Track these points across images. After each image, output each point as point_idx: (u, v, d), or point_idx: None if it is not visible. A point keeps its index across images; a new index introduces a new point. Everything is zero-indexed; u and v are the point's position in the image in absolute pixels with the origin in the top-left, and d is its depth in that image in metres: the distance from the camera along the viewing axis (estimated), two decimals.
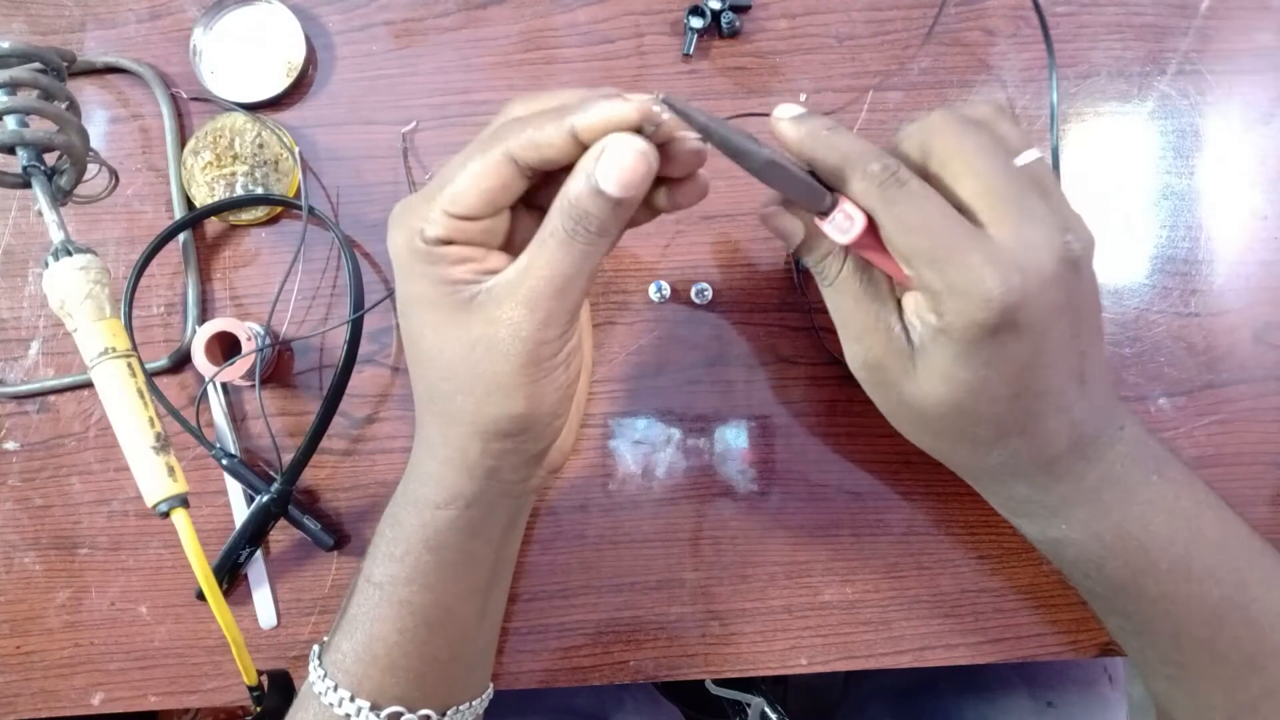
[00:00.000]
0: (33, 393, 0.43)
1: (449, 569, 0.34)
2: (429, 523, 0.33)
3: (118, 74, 0.45)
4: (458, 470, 0.32)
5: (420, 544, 0.33)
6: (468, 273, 0.29)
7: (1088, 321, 0.31)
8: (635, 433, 0.43)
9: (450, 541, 0.33)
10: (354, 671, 0.33)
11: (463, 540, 0.34)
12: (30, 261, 0.44)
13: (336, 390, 0.41)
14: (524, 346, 0.29)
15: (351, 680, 0.33)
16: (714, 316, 0.44)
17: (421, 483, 0.33)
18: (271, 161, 0.43)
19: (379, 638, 0.33)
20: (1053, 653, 0.42)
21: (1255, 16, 0.45)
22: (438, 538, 0.33)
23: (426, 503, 0.33)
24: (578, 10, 0.45)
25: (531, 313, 0.28)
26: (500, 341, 0.29)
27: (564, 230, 0.28)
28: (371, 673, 0.33)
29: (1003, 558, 0.43)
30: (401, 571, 0.33)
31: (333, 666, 0.34)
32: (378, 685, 0.33)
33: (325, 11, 0.45)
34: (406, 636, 0.33)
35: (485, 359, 0.29)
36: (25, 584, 0.43)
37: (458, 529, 0.33)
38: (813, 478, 0.43)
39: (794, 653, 0.42)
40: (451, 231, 0.29)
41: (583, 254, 0.28)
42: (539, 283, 0.28)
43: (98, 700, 0.43)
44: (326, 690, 0.33)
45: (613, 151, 0.27)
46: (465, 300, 0.29)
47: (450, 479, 0.32)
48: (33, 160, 0.33)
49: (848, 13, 0.45)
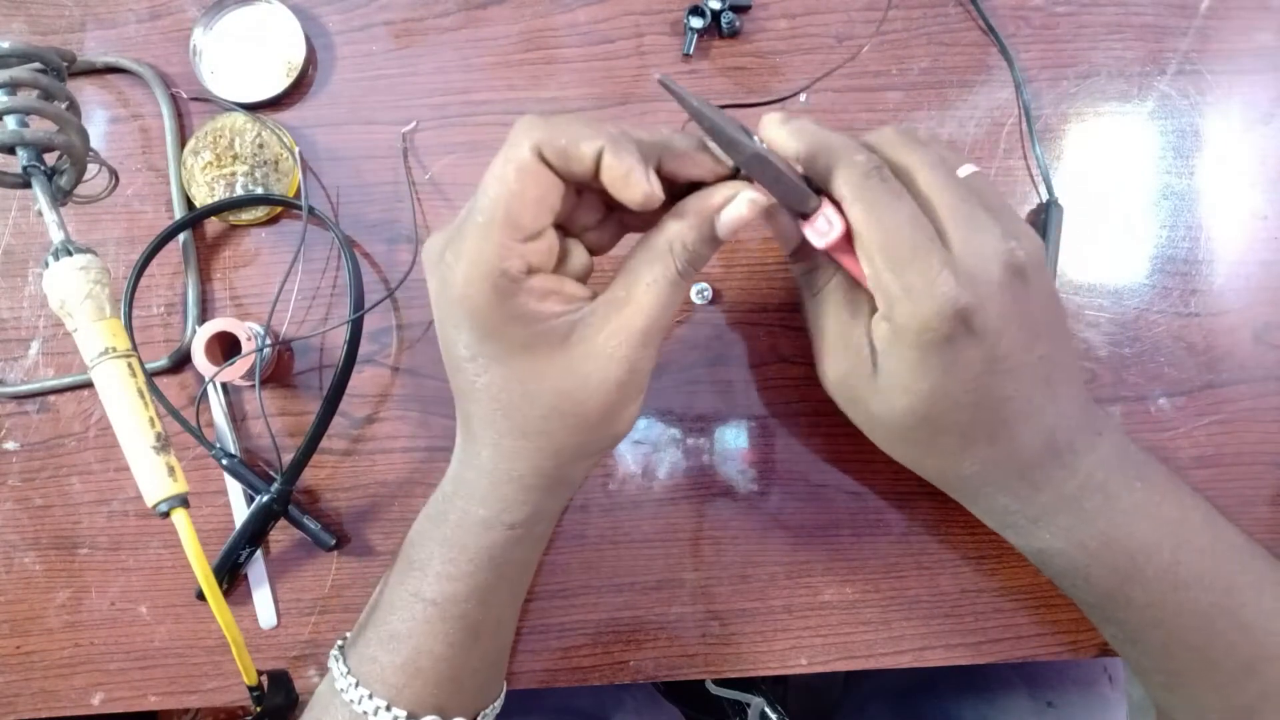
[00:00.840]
0: (33, 393, 0.43)
1: (507, 584, 0.35)
2: (498, 543, 0.33)
3: (118, 74, 0.45)
4: (542, 494, 0.33)
5: (487, 564, 0.34)
6: (556, 304, 0.29)
7: (1047, 327, 0.31)
8: (635, 433, 0.43)
9: (515, 558, 0.34)
10: (394, 683, 0.33)
11: (526, 554, 0.35)
12: (30, 261, 0.44)
13: (336, 390, 0.41)
14: (639, 378, 0.30)
15: (390, 690, 0.33)
16: (714, 316, 0.44)
17: (484, 504, 0.33)
18: (271, 161, 0.43)
19: (426, 651, 0.33)
20: (1053, 653, 0.42)
21: (1255, 16, 0.45)
22: (504, 555, 0.34)
23: (493, 524, 0.33)
24: (578, 10, 0.45)
25: (645, 348, 0.30)
26: (610, 374, 0.30)
27: (678, 270, 0.30)
28: (413, 683, 0.33)
29: (1002, 558, 0.43)
30: (461, 590, 0.34)
31: (368, 676, 0.34)
32: (417, 695, 0.33)
33: (325, 11, 0.45)
34: (455, 649, 0.34)
35: (594, 391, 0.30)
36: (25, 584, 0.43)
37: (525, 545, 0.34)
38: (813, 478, 0.43)
39: (794, 653, 0.42)
40: (530, 256, 0.28)
41: (682, 288, 0.30)
42: (652, 320, 0.30)
43: (98, 700, 0.43)
44: (360, 698, 0.33)
45: (739, 204, 0.29)
46: (563, 334, 0.30)
47: (535, 502, 0.33)
48: (33, 160, 0.33)
49: (848, 13, 0.45)
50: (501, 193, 0.27)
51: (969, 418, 0.31)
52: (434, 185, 0.44)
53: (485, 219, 0.28)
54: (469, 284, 0.28)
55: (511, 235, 0.28)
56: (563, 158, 0.27)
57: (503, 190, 0.27)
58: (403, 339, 0.44)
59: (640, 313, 0.30)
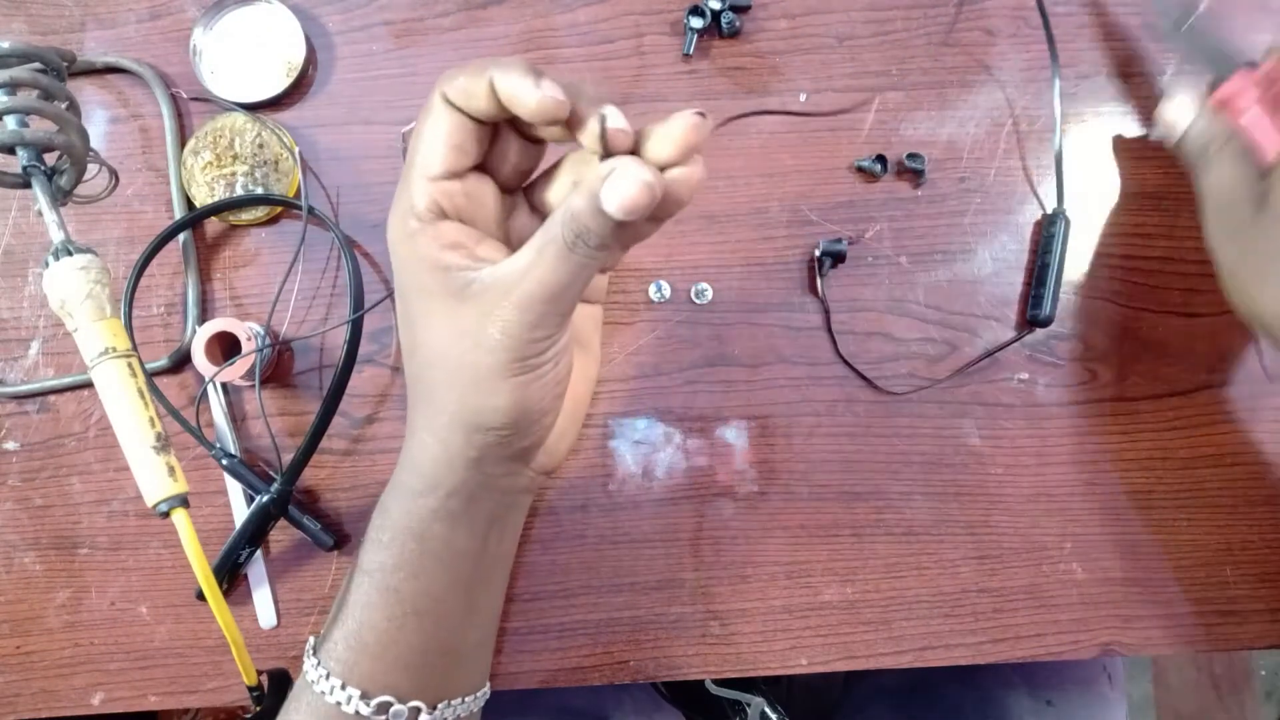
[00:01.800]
0: (33, 393, 0.43)
1: (432, 558, 0.34)
2: (412, 510, 0.33)
3: (118, 74, 0.45)
4: (438, 460, 0.33)
5: (405, 531, 0.34)
6: (461, 257, 0.30)
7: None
8: (635, 433, 0.43)
9: (433, 531, 0.34)
10: (345, 659, 0.33)
11: (445, 530, 0.34)
12: (30, 261, 0.44)
13: (336, 390, 0.41)
14: (512, 344, 0.29)
15: (343, 668, 0.33)
16: (714, 316, 0.44)
17: (407, 470, 0.34)
18: (271, 161, 0.43)
19: (368, 624, 0.33)
20: (1053, 653, 0.42)
21: (1255, 16, 0.45)
22: (420, 526, 0.33)
23: (410, 490, 0.33)
24: (578, 10, 0.45)
25: (522, 314, 0.29)
26: (488, 337, 0.29)
27: (564, 240, 0.28)
28: (362, 660, 0.33)
29: (1003, 558, 0.43)
30: (389, 559, 0.34)
31: (326, 655, 0.34)
32: (368, 673, 0.33)
33: (325, 11, 0.45)
34: (394, 624, 0.33)
35: (472, 351, 0.30)
36: (25, 584, 0.43)
37: (439, 518, 0.33)
38: (813, 478, 0.43)
39: (794, 653, 0.42)
40: (437, 196, 0.29)
41: (579, 265, 0.28)
42: (534, 286, 0.29)
43: (98, 700, 0.43)
44: (319, 679, 0.33)
45: (620, 178, 0.27)
46: (459, 288, 0.30)
47: (430, 468, 0.33)
48: (33, 160, 0.33)
49: (848, 13, 0.45)
50: (415, 138, 0.29)
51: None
52: None
53: (406, 167, 0.30)
54: (390, 225, 0.30)
55: (421, 173, 0.29)
56: (464, 95, 0.28)
57: (416, 135, 0.29)
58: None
59: (525, 278, 0.28)
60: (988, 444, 0.43)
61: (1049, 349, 0.43)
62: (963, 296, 0.44)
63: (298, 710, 0.34)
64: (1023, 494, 0.43)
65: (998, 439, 0.43)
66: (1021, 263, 0.44)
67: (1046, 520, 0.43)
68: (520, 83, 0.27)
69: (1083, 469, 0.43)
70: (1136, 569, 0.43)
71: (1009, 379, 0.43)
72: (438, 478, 0.33)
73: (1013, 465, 0.43)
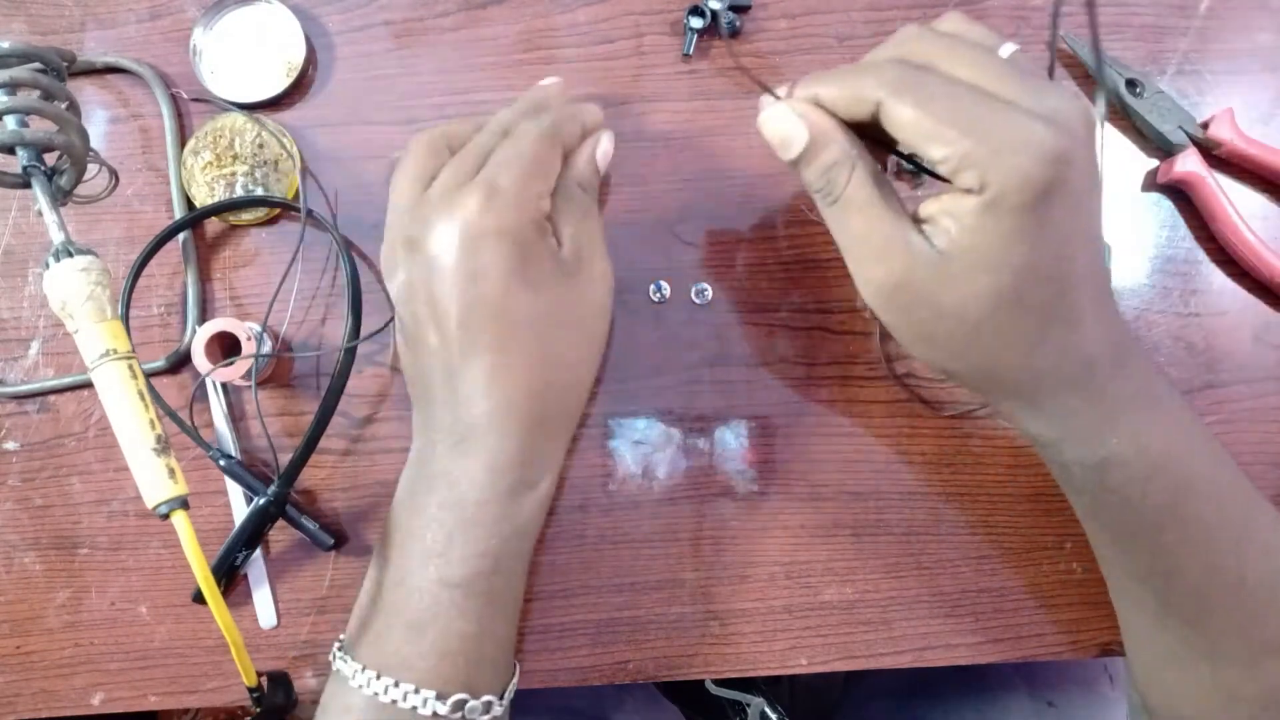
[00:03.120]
0: (33, 393, 0.43)
1: (528, 552, 0.36)
2: (523, 510, 0.35)
3: (118, 74, 0.45)
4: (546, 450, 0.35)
5: (512, 533, 0.34)
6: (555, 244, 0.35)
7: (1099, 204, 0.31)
8: (635, 433, 0.43)
9: (535, 523, 0.36)
10: (420, 667, 0.33)
11: (541, 517, 0.36)
12: (30, 261, 0.44)
13: (334, 393, 0.41)
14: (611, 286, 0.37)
15: (416, 674, 0.33)
16: (714, 316, 0.44)
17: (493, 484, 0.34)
18: (271, 162, 0.43)
19: (455, 634, 0.33)
20: (1053, 653, 0.42)
21: (1255, 16, 0.45)
22: (527, 521, 0.35)
23: (506, 494, 0.34)
24: (578, 10, 0.45)
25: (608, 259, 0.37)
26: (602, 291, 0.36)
27: (590, 196, 0.37)
28: (442, 666, 0.33)
29: (1003, 558, 0.43)
30: (485, 565, 0.34)
31: (391, 665, 0.33)
32: (446, 676, 0.33)
33: (325, 11, 0.45)
34: (483, 626, 0.34)
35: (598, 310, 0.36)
36: (25, 584, 0.43)
37: (543, 507, 0.36)
38: (813, 478, 0.43)
39: (794, 653, 0.42)
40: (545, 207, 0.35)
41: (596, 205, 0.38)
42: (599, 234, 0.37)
43: (98, 700, 0.43)
44: (386, 688, 0.33)
45: (605, 140, 0.38)
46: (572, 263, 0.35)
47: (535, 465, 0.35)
48: (33, 160, 0.33)
49: (848, 13, 0.45)
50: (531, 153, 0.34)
51: (1054, 294, 0.29)
52: None
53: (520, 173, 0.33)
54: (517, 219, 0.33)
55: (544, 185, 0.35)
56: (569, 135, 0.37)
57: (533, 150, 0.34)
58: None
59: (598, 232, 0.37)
60: (988, 444, 0.43)
61: None
62: None
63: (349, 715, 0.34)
64: (1023, 494, 0.43)
65: (998, 439, 0.43)
66: None
67: (1046, 520, 0.43)
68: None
69: None
70: None
71: None
72: (541, 472, 0.35)
73: (1013, 465, 0.43)
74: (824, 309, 0.43)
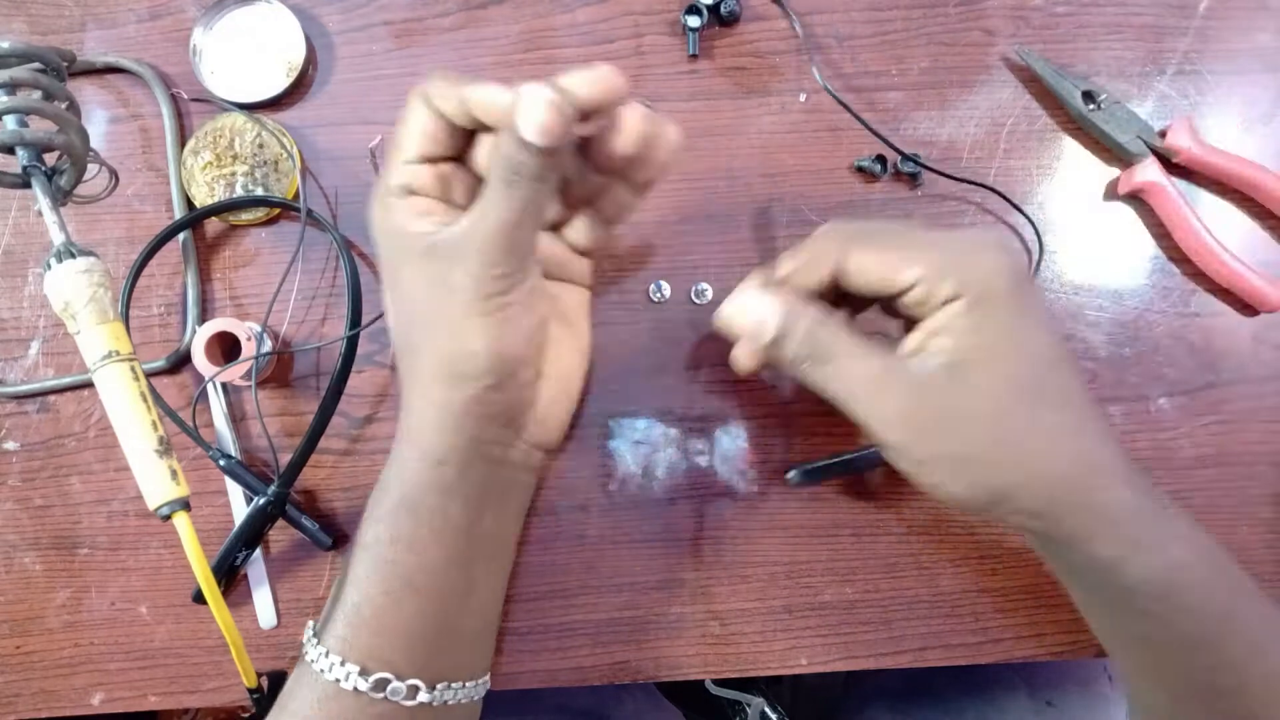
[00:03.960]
0: (33, 393, 0.43)
1: (428, 530, 0.34)
2: (407, 479, 0.34)
3: (118, 74, 0.45)
4: (428, 423, 0.34)
5: (399, 501, 0.34)
6: (430, 224, 0.33)
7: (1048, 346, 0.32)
8: (635, 433, 0.43)
9: (428, 502, 0.34)
10: (343, 635, 0.33)
11: (440, 501, 0.34)
12: (30, 261, 0.44)
13: (334, 393, 0.41)
14: (474, 283, 0.31)
15: (341, 644, 0.33)
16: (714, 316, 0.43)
17: (402, 441, 0.35)
18: (271, 162, 0.43)
19: (367, 599, 0.34)
20: (1053, 653, 0.42)
21: (1255, 16, 0.45)
22: (414, 494, 0.34)
23: (405, 461, 0.34)
24: (578, 10, 0.45)
25: (479, 252, 0.31)
26: (453, 278, 0.32)
27: (502, 180, 0.30)
28: (360, 635, 0.33)
29: (1002, 558, 0.43)
30: (385, 531, 0.34)
31: (326, 634, 0.34)
32: (366, 648, 0.33)
33: (325, 11, 0.45)
34: (391, 598, 0.34)
35: (441, 297, 0.32)
36: (25, 584, 0.43)
37: (434, 488, 0.34)
38: None
39: (794, 653, 0.42)
40: (408, 177, 0.33)
41: (522, 199, 0.31)
42: (485, 225, 0.31)
43: (98, 700, 0.43)
44: (318, 656, 0.33)
45: (525, 104, 0.29)
46: (427, 247, 0.32)
47: (421, 433, 0.34)
48: (33, 160, 0.33)
49: (848, 13, 0.45)
50: (398, 132, 0.33)
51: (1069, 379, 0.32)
52: None
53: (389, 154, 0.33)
54: (371, 209, 0.34)
55: (397, 156, 0.33)
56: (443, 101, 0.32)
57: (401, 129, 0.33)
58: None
59: (479, 222, 0.31)
60: None
61: None
62: None
63: (298, 690, 0.34)
64: None
65: None
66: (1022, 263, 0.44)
67: None
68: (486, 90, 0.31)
69: None
70: None
71: None
72: (429, 443, 0.34)
73: None
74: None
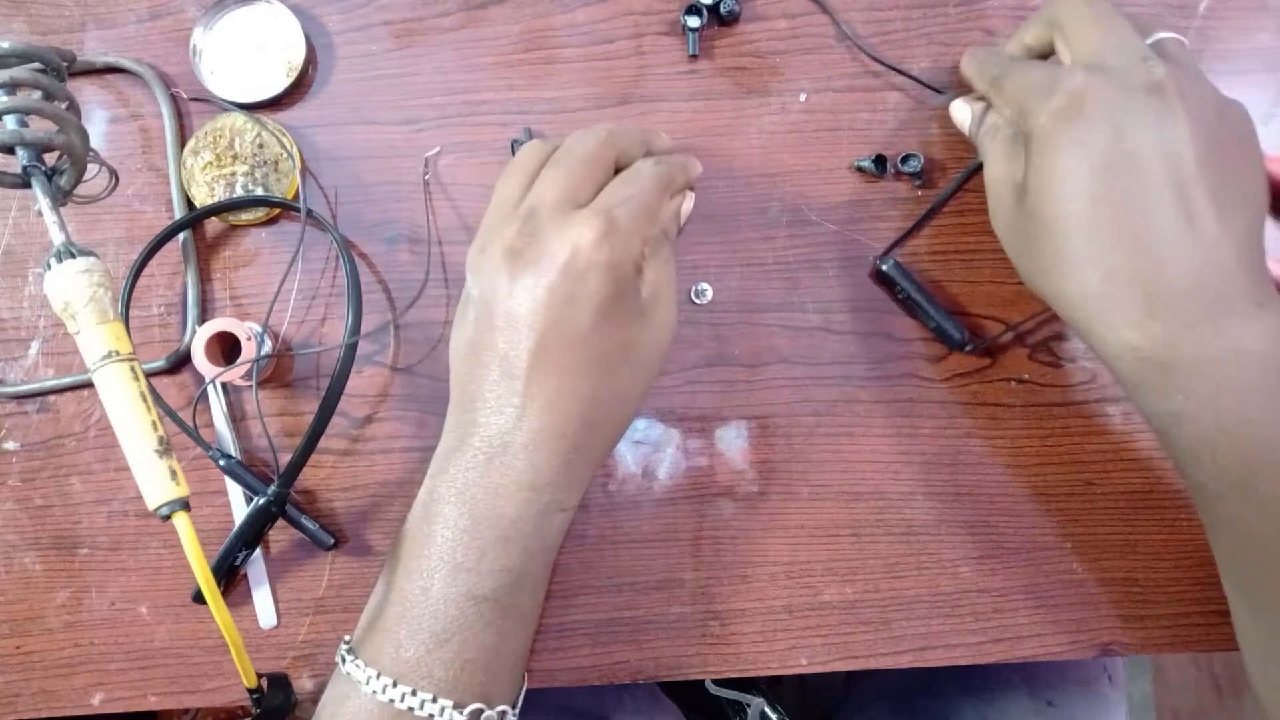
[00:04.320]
0: (33, 393, 0.43)
1: (550, 567, 0.37)
2: (552, 529, 0.35)
3: (118, 74, 0.45)
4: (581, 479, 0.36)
5: (540, 550, 0.35)
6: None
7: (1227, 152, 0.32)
8: (635, 433, 0.43)
9: (559, 541, 0.36)
10: (440, 676, 0.33)
11: (564, 534, 0.37)
12: (30, 261, 0.44)
13: (334, 392, 0.41)
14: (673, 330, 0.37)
15: (435, 684, 0.33)
16: (714, 316, 0.44)
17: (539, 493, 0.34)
18: (271, 162, 0.43)
19: (477, 645, 0.33)
20: (1053, 653, 0.42)
21: (1255, 16, 0.45)
22: (555, 539, 0.36)
23: (547, 510, 0.34)
24: (577, 10, 0.45)
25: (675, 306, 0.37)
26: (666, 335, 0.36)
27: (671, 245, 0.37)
28: (463, 677, 0.33)
29: (1002, 558, 0.43)
30: (512, 580, 0.34)
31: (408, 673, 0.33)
32: (465, 686, 0.33)
33: (325, 11, 0.45)
34: (504, 638, 0.34)
35: (659, 351, 0.36)
36: (25, 584, 0.43)
37: (568, 525, 0.36)
38: (813, 478, 0.43)
39: (794, 653, 0.42)
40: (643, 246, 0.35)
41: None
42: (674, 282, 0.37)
43: (98, 700, 0.43)
44: (403, 695, 0.32)
45: (690, 198, 0.40)
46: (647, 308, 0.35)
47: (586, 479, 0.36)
48: (33, 160, 0.33)
49: (848, 13, 0.45)
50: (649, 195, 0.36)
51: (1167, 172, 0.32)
52: (436, 185, 0.44)
53: (636, 214, 0.35)
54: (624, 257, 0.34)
55: (651, 229, 0.35)
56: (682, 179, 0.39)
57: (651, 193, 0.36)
58: (401, 339, 0.44)
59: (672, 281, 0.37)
60: (988, 444, 0.43)
61: (1049, 349, 0.43)
62: (963, 296, 0.44)
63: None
64: (1023, 494, 0.43)
65: (998, 439, 0.43)
66: None
67: (1046, 520, 0.43)
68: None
69: (1083, 469, 0.43)
70: (1136, 569, 0.43)
71: (1009, 379, 0.43)
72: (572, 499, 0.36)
73: (1013, 465, 0.43)
74: (824, 309, 0.43)
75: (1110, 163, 0.32)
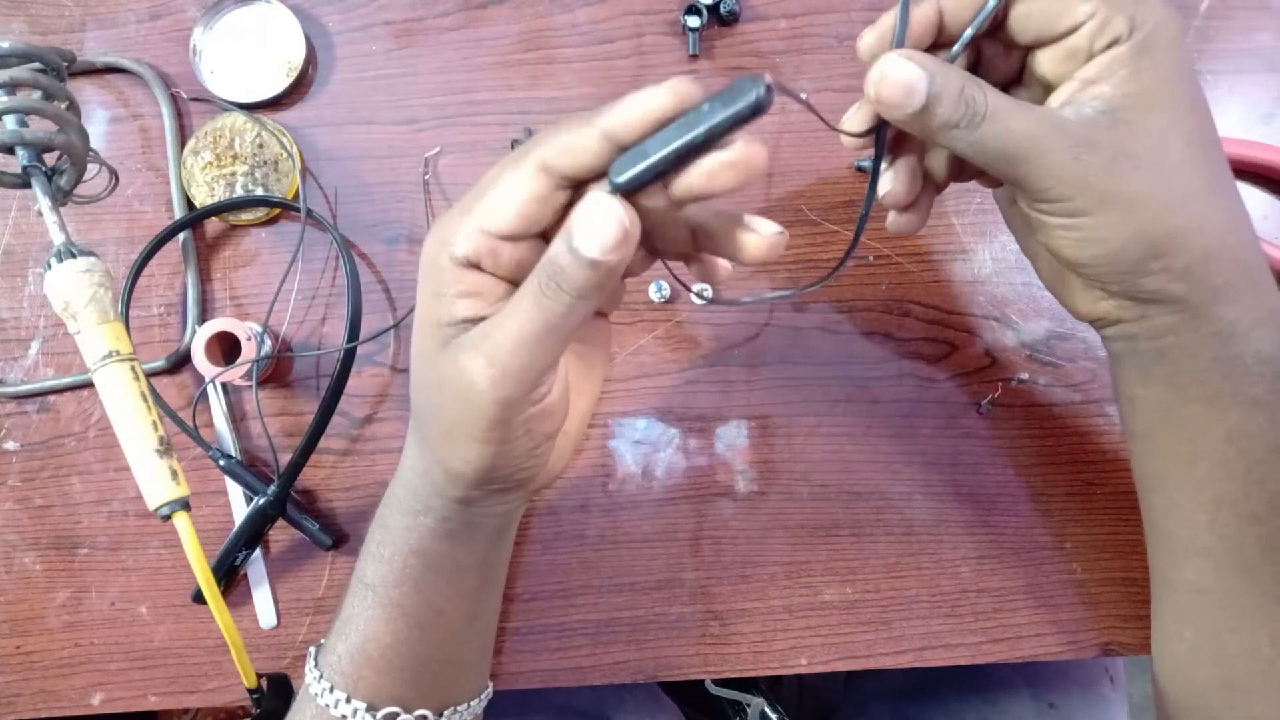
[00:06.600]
0: (33, 393, 0.43)
1: (435, 573, 0.34)
2: (412, 528, 0.33)
3: (118, 74, 0.45)
4: (431, 488, 0.32)
5: (405, 547, 0.33)
6: (469, 309, 0.28)
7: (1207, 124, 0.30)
8: (635, 433, 0.43)
9: (433, 548, 0.33)
10: (349, 673, 0.33)
11: (445, 547, 0.33)
12: (30, 261, 0.44)
13: (334, 392, 0.41)
14: (481, 401, 0.27)
15: (347, 681, 0.33)
16: (714, 316, 0.44)
17: (403, 488, 0.33)
18: (271, 161, 0.43)
19: (372, 638, 0.33)
20: (1053, 653, 0.42)
21: (1255, 17, 0.45)
22: (421, 543, 0.33)
23: (409, 509, 0.33)
24: (578, 10, 0.45)
25: (489, 367, 0.26)
26: (462, 391, 0.27)
27: (539, 287, 0.26)
28: (366, 673, 0.33)
29: (1002, 558, 0.43)
30: (390, 573, 0.33)
31: (329, 668, 0.34)
32: (373, 686, 0.33)
33: (325, 11, 0.45)
34: (399, 638, 0.33)
35: (449, 403, 0.28)
36: (25, 584, 0.43)
37: (439, 537, 0.33)
38: (813, 478, 0.43)
39: (794, 653, 0.42)
40: (481, 251, 0.27)
41: (555, 314, 0.26)
42: (504, 337, 0.26)
43: (98, 700, 0.43)
44: (323, 691, 0.33)
45: (589, 214, 0.25)
46: (445, 338, 0.28)
47: (425, 493, 0.32)
48: (33, 160, 0.33)
49: (848, 13, 0.45)
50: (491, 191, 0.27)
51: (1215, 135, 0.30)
52: (436, 185, 0.44)
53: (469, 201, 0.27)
54: (426, 242, 0.28)
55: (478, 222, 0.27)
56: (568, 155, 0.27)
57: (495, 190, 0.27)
58: (401, 339, 0.44)
59: (498, 328, 0.26)
60: (987, 444, 0.43)
61: (1049, 349, 0.43)
62: (963, 296, 0.44)
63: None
64: (1023, 494, 0.43)
65: (997, 439, 0.43)
66: (1023, 264, 0.44)
67: (1046, 520, 0.43)
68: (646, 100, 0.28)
69: (1083, 469, 0.43)
70: (1136, 569, 0.43)
71: (1009, 379, 0.43)
72: (430, 503, 0.32)
73: (1013, 465, 0.43)
74: (825, 309, 0.43)
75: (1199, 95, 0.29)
